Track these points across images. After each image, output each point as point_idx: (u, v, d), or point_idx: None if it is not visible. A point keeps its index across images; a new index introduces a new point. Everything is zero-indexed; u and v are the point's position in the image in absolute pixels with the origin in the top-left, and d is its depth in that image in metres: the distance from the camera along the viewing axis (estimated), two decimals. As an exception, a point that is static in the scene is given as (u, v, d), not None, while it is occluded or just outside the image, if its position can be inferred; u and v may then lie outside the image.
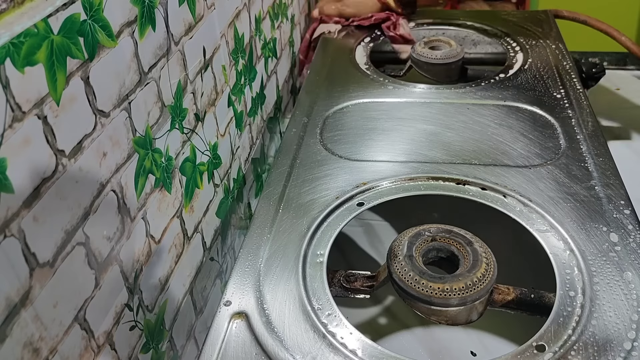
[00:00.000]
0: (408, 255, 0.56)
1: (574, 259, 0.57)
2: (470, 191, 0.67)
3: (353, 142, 0.76)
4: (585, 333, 0.50)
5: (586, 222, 0.60)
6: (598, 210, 0.62)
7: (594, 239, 0.58)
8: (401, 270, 0.55)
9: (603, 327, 0.50)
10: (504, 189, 0.66)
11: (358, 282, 0.61)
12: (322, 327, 0.52)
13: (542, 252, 0.58)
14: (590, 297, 0.53)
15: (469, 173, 0.69)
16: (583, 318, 0.51)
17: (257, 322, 0.53)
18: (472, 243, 0.57)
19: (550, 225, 0.61)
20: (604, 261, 0.56)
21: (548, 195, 0.64)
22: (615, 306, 0.52)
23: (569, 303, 0.53)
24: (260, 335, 0.51)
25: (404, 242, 0.58)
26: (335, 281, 0.61)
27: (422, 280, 0.54)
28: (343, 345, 0.50)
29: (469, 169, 0.69)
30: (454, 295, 0.53)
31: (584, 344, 0.49)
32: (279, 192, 0.67)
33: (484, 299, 0.54)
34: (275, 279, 0.57)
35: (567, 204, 0.63)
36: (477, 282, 0.53)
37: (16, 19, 0.35)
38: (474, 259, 0.55)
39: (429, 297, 0.53)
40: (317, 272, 0.58)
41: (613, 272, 0.55)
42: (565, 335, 0.50)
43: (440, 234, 0.59)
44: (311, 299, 0.55)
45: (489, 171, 0.69)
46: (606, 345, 0.48)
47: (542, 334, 0.50)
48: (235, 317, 0.53)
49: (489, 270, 0.54)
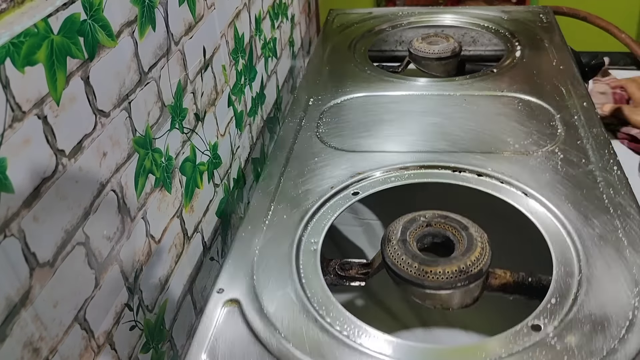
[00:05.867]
0: (402, 239, 0.56)
1: (571, 241, 0.56)
2: (466, 178, 0.66)
3: (349, 135, 0.76)
4: (582, 311, 0.49)
5: (584, 205, 0.60)
6: (596, 194, 0.61)
7: (591, 221, 0.58)
8: (394, 254, 0.55)
9: (600, 305, 0.49)
10: (501, 175, 0.65)
11: (353, 270, 0.60)
12: (315, 312, 0.52)
13: (540, 235, 0.58)
14: (587, 276, 0.52)
15: (465, 161, 0.68)
16: (580, 297, 0.50)
17: (249, 309, 0.52)
18: (468, 228, 0.56)
19: (548, 209, 0.60)
20: (603, 242, 0.55)
21: (545, 180, 0.64)
22: (613, 285, 0.51)
23: (566, 283, 0.52)
24: (252, 321, 0.51)
25: (398, 227, 0.58)
26: (330, 269, 0.61)
27: (414, 264, 0.53)
28: (336, 330, 0.50)
29: (466, 157, 0.69)
30: (446, 279, 0.52)
31: (580, 322, 0.48)
32: (274, 184, 0.67)
33: (478, 282, 0.54)
34: (269, 266, 0.57)
35: (565, 189, 0.62)
36: (471, 265, 0.53)
37: (16, 18, 0.35)
38: (468, 243, 0.55)
39: (422, 280, 0.53)
40: (310, 259, 0.58)
41: (611, 252, 0.54)
42: (562, 314, 0.49)
43: (435, 219, 0.58)
44: (304, 285, 0.55)
45: (485, 159, 0.68)
46: (604, 323, 0.48)
47: (537, 314, 0.49)
48: (228, 303, 0.53)
49: (484, 254, 0.54)
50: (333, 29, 1.12)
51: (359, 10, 1.18)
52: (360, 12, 1.17)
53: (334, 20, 1.16)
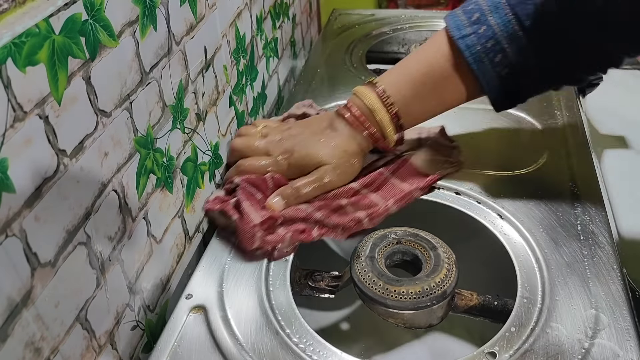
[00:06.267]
0: (370, 256, 0.56)
1: (539, 268, 0.56)
2: (443, 195, 0.66)
3: None
4: (538, 342, 0.49)
5: (557, 231, 0.59)
6: (571, 220, 0.61)
7: (562, 249, 0.57)
8: (361, 271, 0.55)
9: (557, 337, 0.49)
10: (478, 195, 0.65)
11: (324, 282, 0.61)
12: (276, 324, 0.52)
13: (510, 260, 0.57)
14: (548, 306, 0.52)
15: (445, 177, 0.68)
16: (538, 327, 0.50)
17: (214, 317, 0.53)
18: (436, 248, 0.57)
19: (520, 233, 0.60)
20: (569, 272, 0.55)
21: (523, 202, 0.63)
22: (573, 317, 0.51)
23: (527, 311, 0.52)
24: (215, 329, 0.51)
25: (368, 243, 0.58)
26: (302, 280, 0.61)
27: (379, 282, 0.54)
28: (295, 344, 0.50)
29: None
30: (408, 299, 0.52)
31: (535, 353, 0.48)
32: None
33: (442, 303, 0.53)
34: (238, 274, 0.57)
35: (540, 213, 0.62)
36: (435, 286, 0.53)
37: (18, 18, 0.35)
38: (435, 264, 0.55)
39: (385, 299, 0.53)
40: (281, 269, 0.58)
41: (576, 283, 0.54)
42: (518, 343, 0.49)
43: (406, 237, 0.58)
44: (270, 296, 0.55)
45: (466, 176, 0.68)
46: (557, 356, 0.47)
47: (495, 341, 0.49)
48: (194, 310, 0.54)
49: (450, 276, 0.54)
50: (334, 29, 1.12)
51: (361, 12, 1.18)
52: (363, 13, 1.17)
53: (336, 21, 1.16)
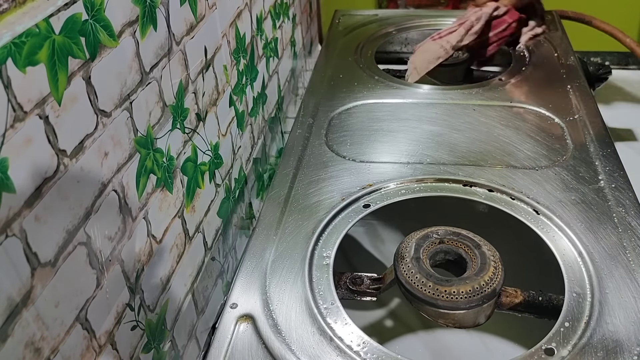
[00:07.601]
0: (415, 257, 0.56)
1: (583, 262, 0.56)
2: (477, 193, 0.66)
3: (359, 143, 0.76)
4: (595, 336, 0.49)
5: (594, 224, 0.60)
6: (606, 212, 0.61)
7: (602, 241, 0.58)
8: (408, 272, 0.55)
9: (613, 330, 0.49)
10: (512, 191, 0.66)
11: (364, 285, 0.60)
12: (328, 329, 0.52)
13: (551, 254, 0.58)
14: (599, 299, 0.52)
15: (475, 175, 0.68)
16: (592, 321, 0.50)
17: (263, 325, 0.52)
18: (480, 246, 0.57)
19: (559, 227, 0.60)
20: (613, 263, 0.55)
21: (556, 197, 0.64)
22: (626, 309, 0.51)
23: (578, 305, 0.52)
24: (267, 338, 0.51)
25: (411, 244, 0.58)
26: (342, 283, 0.61)
27: (429, 283, 0.54)
28: (349, 348, 0.50)
29: (476, 171, 0.69)
30: (461, 299, 0.52)
31: (593, 347, 0.48)
32: (284, 194, 0.67)
33: (491, 302, 0.54)
34: (281, 281, 0.57)
35: (575, 206, 0.63)
36: (485, 285, 0.53)
37: (18, 18, 0.35)
38: (481, 262, 0.55)
39: (436, 299, 0.53)
40: (323, 274, 0.58)
41: (622, 274, 0.54)
42: (575, 339, 0.49)
43: (448, 236, 0.59)
44: (318, 301, 0.55)
45: (495, 173, 0.69)
46: (616, 349, 0.48)
47: (551, 337, 0.49)
48: (242, 319, 0.53)
49: (497, 273, 0.54)
50: (339, 30, 1.12)
51: (363, 12, 1.18)
52: (365, 13, 1.17)
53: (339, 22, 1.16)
